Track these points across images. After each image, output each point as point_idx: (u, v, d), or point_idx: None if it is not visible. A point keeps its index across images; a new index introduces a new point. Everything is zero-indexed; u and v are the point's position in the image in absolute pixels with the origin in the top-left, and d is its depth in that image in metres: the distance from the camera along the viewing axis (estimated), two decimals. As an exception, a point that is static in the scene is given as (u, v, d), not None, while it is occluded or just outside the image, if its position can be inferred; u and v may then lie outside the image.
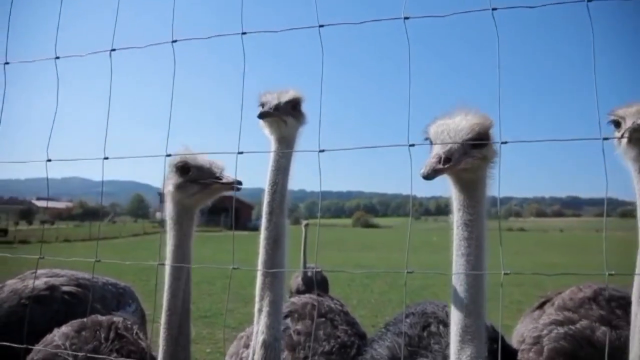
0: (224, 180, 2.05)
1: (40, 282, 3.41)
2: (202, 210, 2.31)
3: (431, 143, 1.67)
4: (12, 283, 3.44)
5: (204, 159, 2.12)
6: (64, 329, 2.58)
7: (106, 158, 1.94)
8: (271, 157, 2.14)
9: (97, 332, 2.51)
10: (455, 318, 1.64)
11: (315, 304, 3.03)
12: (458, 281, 1.66)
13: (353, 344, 2.73)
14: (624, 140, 1.82)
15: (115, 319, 2.71)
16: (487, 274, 1.63)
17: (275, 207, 2.08)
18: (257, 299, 2.05)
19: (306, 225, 8.81)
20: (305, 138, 2.11)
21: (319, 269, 8.71)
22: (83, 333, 2.50)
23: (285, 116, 2.09)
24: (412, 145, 1.59)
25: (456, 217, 1.70)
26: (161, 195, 2.30)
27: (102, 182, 2.06)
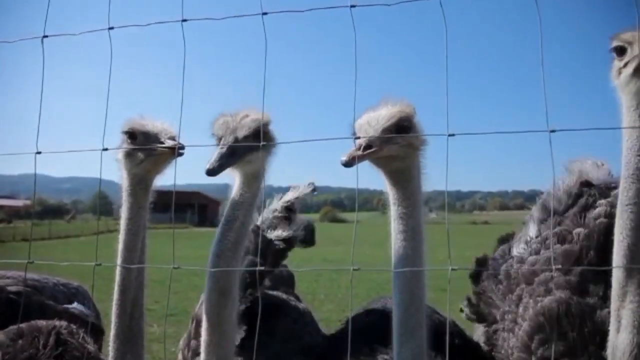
0: (165, 145, 1.88)
1: None
2: (166, 207, 2.23)
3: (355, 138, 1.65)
4: None
5: (154, 125, 1.97)
6: (0, 336, 2.42)
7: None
8: (233, 190, 1.93)
9: (35, 339, 2.36)
10: (396, 312, 1.64)
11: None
12: (396, 275, 1.64)
13: (318, 344, 2.73)
14: (627, 71, 1.60)
15: (57, 323, 2.56)
16: (428, 269, 1.64)
17: (226, 250, 1.86)
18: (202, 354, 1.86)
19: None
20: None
21: (285, 265, 8.69)
22: (19, 341, 2.35)
23: (248, 156, 1.81)
24: (358, 137, 1.57)
25: (392, 210, 1.69)
26: None
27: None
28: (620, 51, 1.64)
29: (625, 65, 1.60)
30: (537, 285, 2.44)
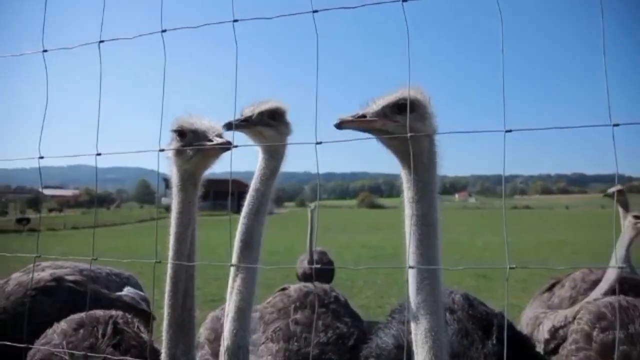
0: (213, 143, 1.99)
1: (45, 274, 3.44)
2: (207, 195, 2.29)
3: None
4: (17, 276, 3.48)
5: (201, 123, 2.06)
6: (63, 324, 2.57)
7: (99, 154, 1.91)
8: (257, 165, 2.19)
9: (95, 329, 2.49)
10: (411, 298, 1.63)
11: (321, 293, 3.02)
12: (410, 258, 1.65)
13: (352, 335, 2.73)
14: None
15: (114, 313, 2.69)
16: (487, 268, 1.61)
17: (250, 213, 2.15)
18: (227, 301, 2.06)
19: (312, 209, 8.88)
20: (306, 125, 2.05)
21: (325, 251, 8.78)
22: (81, 330, 2.48)
23: (260, 127, 2.11)
24: (412, 135, 1.55)
25: (405, 195, 1.71)
26: (167, 181, 2.26)
27: (96, 179, 2.03)
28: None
29: None
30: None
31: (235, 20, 1.62)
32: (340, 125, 1.64)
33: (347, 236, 25.24)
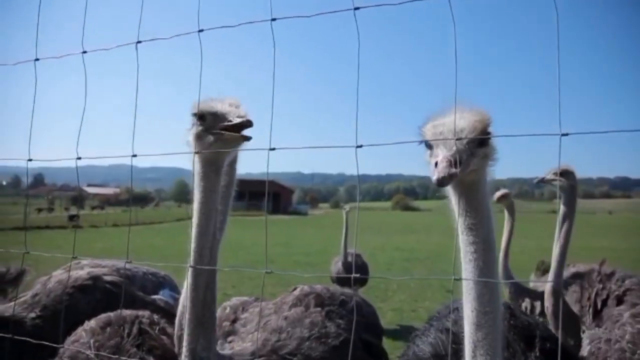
0: (232, 122, 1.86)
1: (83, 273, 3.53)
2: (242, 195, 2.24)
3: (427, 146, 1.59)
4: (58, 274, 3.59)
5: (222, 105, 1.95)
6: (92, 323, 2.62)
7: (134, 155, 1.91)
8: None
9: (121, 328, 2.53)
10: (467, 330, 1.54)
11: (324, 294, 3.00)
12: (467, 290, 1.55)
13: (339, 335, 2.69)
14: None
15: (140, 313, 2.72)
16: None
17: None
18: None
19: (347, 211, 8.88)
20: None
21: (359, 254, 8.71)
22: (108, 329, 2.53)
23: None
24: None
25: (460, 222, 1.60)
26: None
27: (131, 181, 2.04)
28: None
29: None
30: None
31: (274, 19, 1.59)
32: (447, 181, 1.45)
33: (381, 238, 25.05)
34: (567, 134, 1.30)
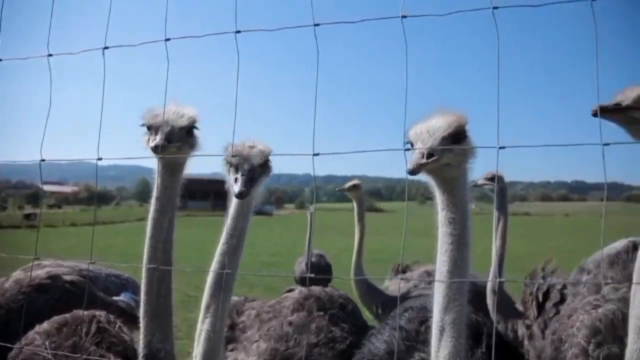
0: (150, 144, 2.02)
1: (42, 272, 3.47)
2: (207, 195, 2.31)
3: (411, 145, 1.73)
4: (16, 274, 3.52)
5: (166, 113, 2.06)
6: (45, 325, 2.59)
7: (100, 159, 1.93)
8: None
9: (78, 328, 2.52)
10: (436, 316, 1.69)
11: (324, 298, 3.03)
12: (439, 277, 1.71)
13: (345, 339, 2.75)
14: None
15: (97, 313, 2.71)
16: (478, 281, 1.65)
17: (226, 253, 2.14)
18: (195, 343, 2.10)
19: (311, 212, 8.95)
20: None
21: (323, 254, 8.80)
22: (64, 329, 2.51)
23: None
24: (408, 149, 1.59)
25: (440, 215, 1.76)
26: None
27: (96, 183, 2.04)
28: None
29: None
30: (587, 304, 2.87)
31: (238, 32, 1.65)
32: (416, 170, 1.62)
33: (346, 239, 25.18)
34: (503, 147, 1.41)
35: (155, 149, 1.98)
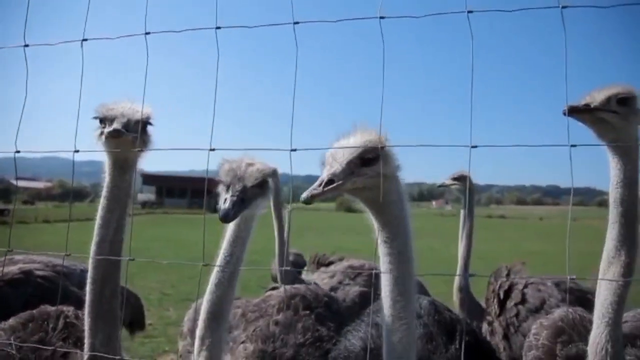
0: (105, 131, 2.00)
1: (14, 268, 3.40)
2: (184, 193, 2.28)
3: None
4: None
5: (116, 109, 2.05)
6: (11, 321, 2.54)
7: (77, 151, 1.91)
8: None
9: (45, 323, 2.48)
10: (384, 334, 1.65)
11: (310, 296, 3.02)
12: (384, 297, 1.65)
13: (331, 338, 2.73)
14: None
15: (64, 308, 2.66)
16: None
17: (223, 280, 2.02)
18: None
19: (289, 210, 8.88)
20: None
21: (300, 253, 8.78)
22: (30, 325, 2.47)
23: (254, 202, 2.02)
24: (383, 147, 1.59)
25: (378, 235, 1.69)
26: (143, 177, 2.27)
27: (72, 180, 2.03)
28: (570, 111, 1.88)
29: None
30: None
31: (218, 27, 1.66)
32: (310, 201, 1.53)
33: (324, 239, 25.26)
34: (476, 146, 1.45)
35: (114, 133, 1.94)
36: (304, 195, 1.52)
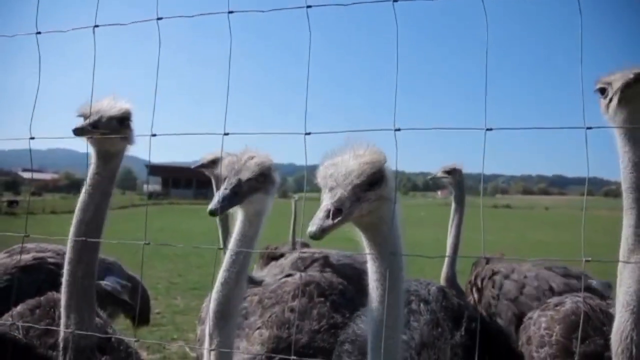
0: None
1: (28, 256, 3.47)
2: (189, 183, 2.33)
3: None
4: (1, 258, 3.50)
5: (100, 105, 2.16)
6: (19, 308, 2.58)
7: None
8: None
9: (51, 310, 2.51)
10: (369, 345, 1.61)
11: (324, 284, 3.03)
12: (370, 314, 1.62)
13: (345, 325, 2.70)
14: (613, 104, 1.84)
15: None
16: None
17: (230, 276, 1.98)
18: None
19: (296, 200, 8.89)
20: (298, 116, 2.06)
21: (307, 243, 8.80)
22: (37, 311, 2.51)
23: (249, 197, 1.96)
24: (398, 129, 1.50)
25: (366, 249, 1.66)
26: (148, 168, 2.34)
27: (87, 156, 2.07)
28: (603, 91, 1.90)
29: (611, 99, 1.86)
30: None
31: (231, 12, 1.65)
32: (320, 236, 1.38)
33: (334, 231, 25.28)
34: (491, 129, 1.43)
35: (74, 131, 2.06)
36: (314, 229, 1.38)
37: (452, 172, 4.48)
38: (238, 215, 2.06)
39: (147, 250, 2.08)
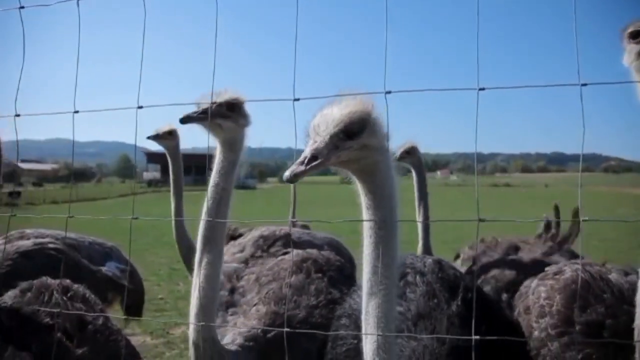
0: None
1: (29, 242, 3.51)
2: (189, 169, 2.42)
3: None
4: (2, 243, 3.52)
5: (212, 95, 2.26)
6: (11, 292, 2.55)
7: (76, 112, 1.90)
8: (216, 159, 2.33)
9: (42, 295, 2.48)
10: (363, 299, 1.64)
11: (321, 260, 3.05)
12: (364, 263, 1.63)
13: (343, 301, 2.70)
14: None
15: (64, 282, 2.63)
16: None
17: (211, 209, 2.27)
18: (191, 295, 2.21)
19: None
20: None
21: (307, 225, 8.81)
22: (28, 294, 2.49)
23: (219, 119, 2.22)
24: (389, 92, 1.51)
25: (362, 200, 1.68)
26: (147, 155, 2.37)
27: (73, 139, 2.01)
28: (636, 35, 1.71)
29: None
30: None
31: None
32: (292, 179, 1.46)
33: (328, 211, 25.36)
34: (483, 89, 1.41)
35: (182, 119, 2.21)
36: (287, 174, 1.47)
37: (410, 151, 4.30)
38: (217, 149, 2.35)
39: (149, 238, 2.08)
